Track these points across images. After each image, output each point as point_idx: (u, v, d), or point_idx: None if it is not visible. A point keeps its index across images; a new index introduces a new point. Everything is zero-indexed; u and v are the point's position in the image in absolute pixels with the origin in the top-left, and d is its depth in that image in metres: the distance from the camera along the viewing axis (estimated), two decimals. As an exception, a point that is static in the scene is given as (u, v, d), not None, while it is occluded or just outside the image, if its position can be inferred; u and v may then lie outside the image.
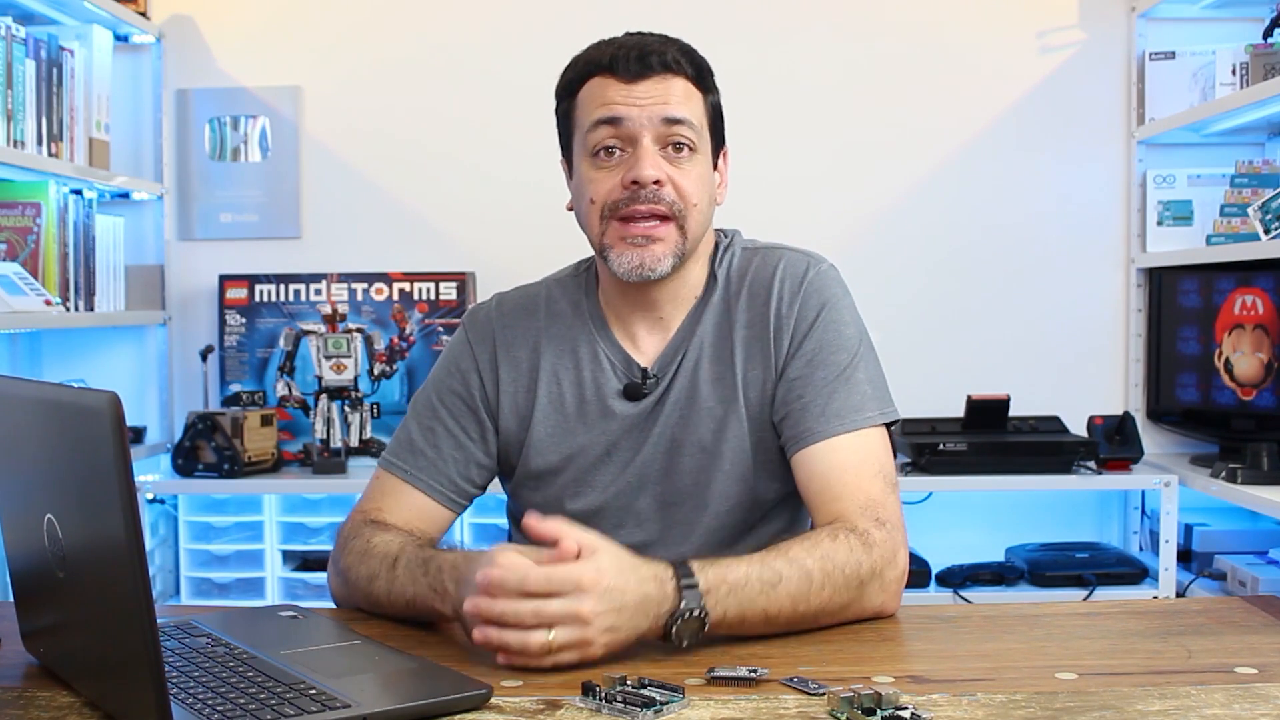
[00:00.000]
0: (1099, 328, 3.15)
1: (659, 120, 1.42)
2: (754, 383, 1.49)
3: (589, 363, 1.52)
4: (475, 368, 1.54)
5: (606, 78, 1.44)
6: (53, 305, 2.60)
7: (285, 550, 3.00)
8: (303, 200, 3.18)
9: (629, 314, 1.53)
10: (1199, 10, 3.07)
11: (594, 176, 1.45)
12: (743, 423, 1.48)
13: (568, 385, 1.52)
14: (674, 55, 1.45)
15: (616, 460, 1.51)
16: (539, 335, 1.54)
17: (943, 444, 2.81)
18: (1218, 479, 2.68)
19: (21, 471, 1.11)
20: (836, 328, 1.47)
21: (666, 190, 1.42)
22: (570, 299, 1.56)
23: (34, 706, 1.06)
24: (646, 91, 1.43)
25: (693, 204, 1.45)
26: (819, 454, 1.42)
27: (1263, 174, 2.97)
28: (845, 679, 1.10)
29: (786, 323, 1.48)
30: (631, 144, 1.43)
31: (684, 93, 1.45)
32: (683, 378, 1.50)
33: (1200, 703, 1.03)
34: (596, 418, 1.51)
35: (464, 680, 1.08)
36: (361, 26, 3.15)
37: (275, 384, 3.07)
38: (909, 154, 3.14)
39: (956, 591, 2.84)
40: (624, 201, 1.42)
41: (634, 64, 1.43)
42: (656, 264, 1.43)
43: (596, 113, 1.44)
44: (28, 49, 2.61)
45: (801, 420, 1.43)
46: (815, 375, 1.45)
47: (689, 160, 1.45)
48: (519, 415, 1.53)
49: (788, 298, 1.49)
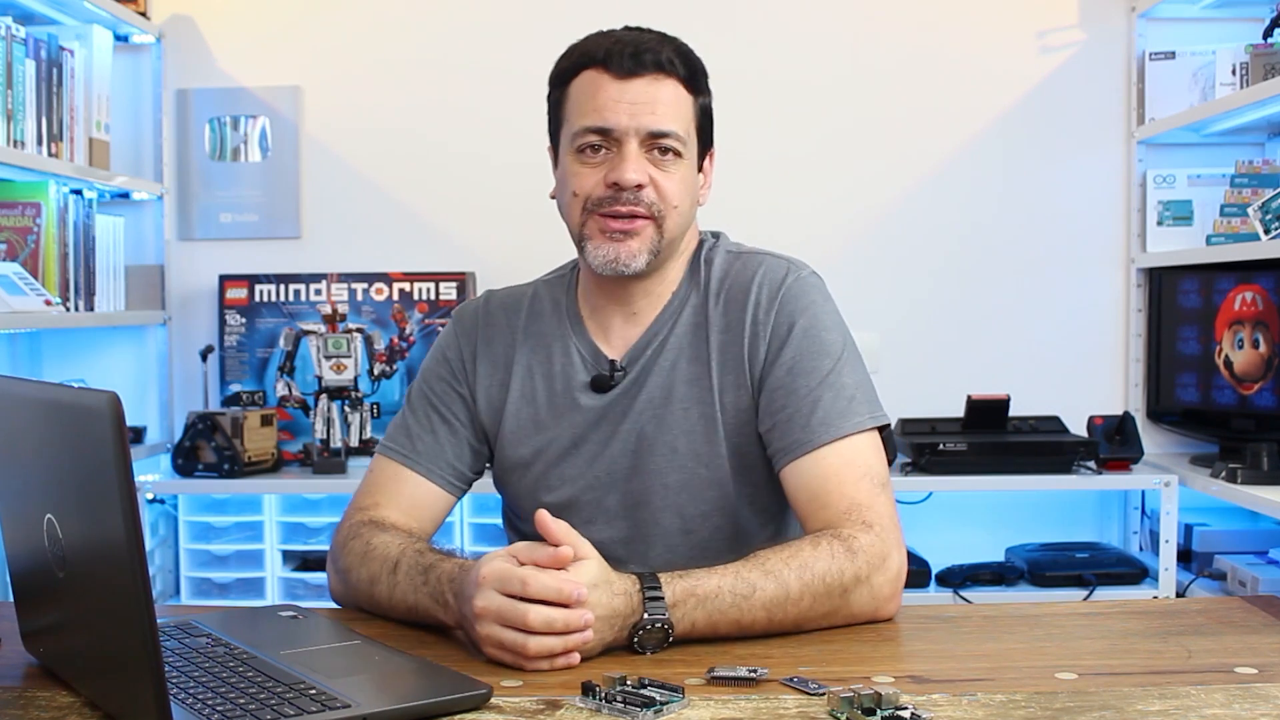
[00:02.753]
0: (1099, 328, 3.15)
1: (645, 131, 1.44)
2: (729, 387, 1.49)
3: (560, 356, 1.54)
4: (460, 356, 1.58)
5: (600, 72, 1.45)
6: (53, 305, 2.60)
7: (285, 550, 3.00)
8: (303, 200, 3.18)
9: (604, 306, 1.55)
10: (1199, 10, 3.07)
11: (578, 170, 1.47)
12: (718, 428, 1.48)
13: (539, 379, 1.54)
14: (668, 55, 1.46)
15: (584, 453, 1.52)
16: (516, 332, 1.57)
17: (943, 444, 2.81)
18: (1218, 479, 2.68)
19: (21, 471, 1.11)
20: (816, 334, 1.47)
21: (647, 192, 1.44)
22: (552, 297, 1.59)
23: (34, 706, 1.06)
24: (637, 92, 1.44)
25: (673, 206, 1.46)
26: (805, 465, 1.41)
27: (1263, 174, 2.97)
28: (845, 679, 1.11)
29: (763, 329, 1.48)
30: (616, 144, 1.44)
31: (673, 97, 1.46)
32: (658, 375, 1.50)
33: (1200, 703, 1.04)
34: (565, 410, 1.53)
35: (464, 680, 1.08)
36: (361, 27, 3.15)
37: (275, 384, 3.07)
38: (910, 154, 3.14)
39: (956, 591, 2.84)
40: (606, 200, 1.45)
41: (628, 61, 1.44)
42: (631, 259, 1.45)
43: (586, 118, 1.45)
44: (28, 49, 2.61)
45: (788, 433, 1.43)
46: (798, 384, 1.44)
47: (673, 164, 1.46)
48: (492, 409, 1.56)
49: (765, 304, 1.49)
